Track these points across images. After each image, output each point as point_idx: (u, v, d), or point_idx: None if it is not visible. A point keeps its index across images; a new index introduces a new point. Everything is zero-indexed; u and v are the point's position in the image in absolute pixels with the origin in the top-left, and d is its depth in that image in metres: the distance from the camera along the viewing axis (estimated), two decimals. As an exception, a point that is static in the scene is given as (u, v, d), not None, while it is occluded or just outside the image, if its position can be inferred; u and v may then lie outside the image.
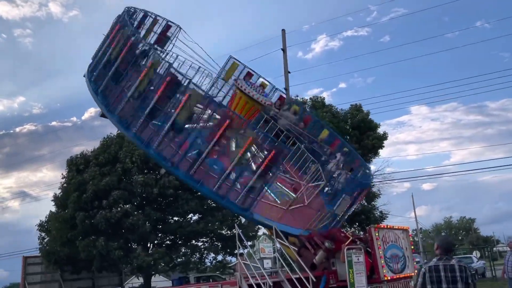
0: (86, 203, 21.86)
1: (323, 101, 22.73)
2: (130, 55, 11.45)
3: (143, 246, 23.24)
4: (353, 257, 10.26)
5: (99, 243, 21.10)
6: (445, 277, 5.52)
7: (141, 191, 22.10)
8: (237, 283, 10.29)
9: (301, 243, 12.06)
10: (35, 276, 24.04)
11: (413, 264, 13.05)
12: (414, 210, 53.85)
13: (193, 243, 24.59)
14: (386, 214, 22.09)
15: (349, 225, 20.75)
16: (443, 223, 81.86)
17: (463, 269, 5.57)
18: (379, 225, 13.54)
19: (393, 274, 11.48)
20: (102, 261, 21.82)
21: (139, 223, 21.40)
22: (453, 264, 5.61)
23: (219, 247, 24.71)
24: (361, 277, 10.14)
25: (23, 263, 23.81)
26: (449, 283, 5.50)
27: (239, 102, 13.77)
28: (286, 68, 26.20)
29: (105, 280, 26.14)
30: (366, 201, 22.27)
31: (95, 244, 21.25)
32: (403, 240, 12.60)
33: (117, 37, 12.04)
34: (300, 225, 12.04)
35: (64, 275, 23.64)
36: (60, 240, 22.10)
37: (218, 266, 26.45)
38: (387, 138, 22.15)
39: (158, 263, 22.00)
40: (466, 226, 76.49)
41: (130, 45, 11.47)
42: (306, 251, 11.71)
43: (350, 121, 21.75)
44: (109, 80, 11.84)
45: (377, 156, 22.50)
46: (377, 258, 11.09)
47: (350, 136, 21.38)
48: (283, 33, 26.64)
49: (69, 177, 23.45)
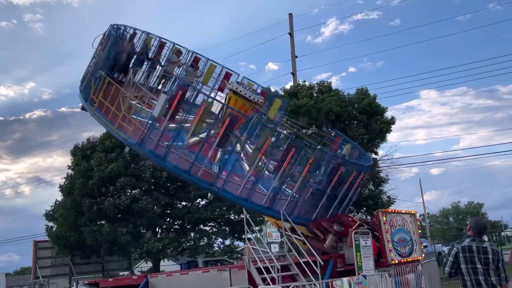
0: (92, 189, 22.02)
1: (330, 85, 22.54)
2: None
3: (152, 231, 23.46)
4: (361, 241, 10.29)
5: (105, 229, 21.32)
6: (478, 258, 5.54)
7: (150, 175, 22.22)
8: (246, 266, 10.38)
9: (309, 230, 12.13)
10: (46, 260, 24.43)
11: (421, 248, 13.10)
12: (422, 195, 53.73)
13: (201, 227, 24.79)
14: (393, 199, 21.98)
15: (356, 210, 20.76)
16: (450, 208, 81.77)
17: (496, 252, 5.63)
18: (387, 210, 13.54)
19: (400, 258, 11.53)
20: (111, 246, 22.09)
21: (148, 207, 21.58)
22: (486, 246, 5.64)
23: (227, 232, 24.90)
24: (369, 260, 10.18)
25: (34, 248, 24.18)
26: (482, 264, 5.53)
27: (235, 104, 13.60)
28: (293, 52, 26.06)
29: (114, 264, 26.52)
30: (373, 186, 22.22)
31: (101, 230, 21.48)
32: (410, 224, 12.62)
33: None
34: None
35: (74, 259, 23.98)
36: (68, 226, 22.33)
37: (226, 251, 26.69)
38: (395, 122, 21.97)
39: (167, 248, 22.22)
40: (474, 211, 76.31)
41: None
42: (314, 240, 11.75)
43: (357, 106, 21.58)
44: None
45: (385, 140, 22.36)
46: (384, 242, 11.13)
47: (358, 120, 21.25)
48: (290, 17, 26.46)
49: (74, 164, 23.55)
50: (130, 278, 15.17)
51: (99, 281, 14.97)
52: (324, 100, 20.96)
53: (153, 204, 22.11)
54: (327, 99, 20.91)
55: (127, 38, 13.72)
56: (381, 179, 22.18)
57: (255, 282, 10.08)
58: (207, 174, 11.23)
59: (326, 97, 21.12)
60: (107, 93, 12.15)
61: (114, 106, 11.68)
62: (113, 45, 12.66)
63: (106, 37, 12.85)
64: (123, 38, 13.06)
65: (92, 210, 21.67)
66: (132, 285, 12.95)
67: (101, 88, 12.13)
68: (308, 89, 22.25)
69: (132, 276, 18.24)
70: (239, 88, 13.42)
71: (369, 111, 21.33)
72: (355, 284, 9.04)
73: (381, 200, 21.36)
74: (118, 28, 13.63)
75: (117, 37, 12.70)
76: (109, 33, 12.73)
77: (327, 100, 20.86)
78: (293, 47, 26.07)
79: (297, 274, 10.53)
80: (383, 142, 22.46)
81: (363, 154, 15.27)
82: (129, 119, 11.35)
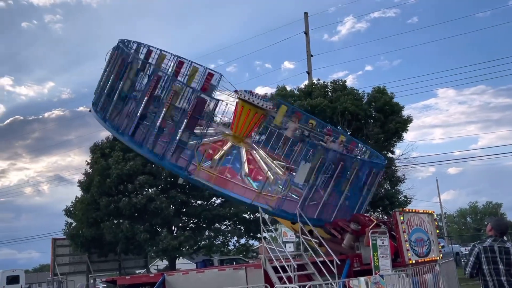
0: (110, 187, 22.27)
1: (344, 84, 22.42)
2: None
3: (167, 229, 23.62)
4: (378, 240, 10.23)
5: (124, 225, 21.58)
6: (500, 259, 5.46)
7: (167, 174, 22.38)
8: (262, 265, 10.39)
9: (327, 231, 12.11)
10: (64, 258, 24.73)
11: (438, 248, 12.97)
12: (439, 194, 53.02)
13: (217, 226, 24.87)
14: (410, 199, 21.80)
15: (372, 209, 20.64)
16: (468, 208, 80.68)
17: None
18: (404, 209, 13.44)
19: (417, 258, 11.43)
20: (127, 243, 22.30)
21: (162, 206, 21.74)
22: (508, 247, 5.55)
23: (242, 231, 24.93)
24: (386, 260, 10.12)
25: (52, 245, 24.50)
26: (504, 265, 5.44)
27: (242, 111, 14.10)
28: (309, 51, 25.99)
29: (131, 262, 26.75)
30: (390, 186, 22.05)
31: (120, 226, 21.73)
32: (428, 224, 12.51)
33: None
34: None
35: (91, 257, 24.24)
36: (86, 222, 22.62)
37: (241, 249, 26.73)
38: (412, 121, 21.78)
39: (183, 246, 22.35)
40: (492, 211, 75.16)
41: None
42: (331, 243, 11.72)
43: (373, 104, 21.42)
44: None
45: (402, 140, 22.18)
46: (401, 242, 11.04)
47: (374, 119, 21.10)
48: (305, 16, 26.40)
49: (92, 162, 23.86)
50: (147, 276, 15.32)
51: (117, 279, 15.16)
52: (339, 99, 20.85)
53: (168, 203, 22.27)
54: (342, 98, 20.79)
55: (140, 55, 13.85)
56: (397, 178, 22.01)
57: (271, 281, 10.09)
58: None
59: (340, 96, 21.01)
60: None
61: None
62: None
63: (119, 53, 12.92)
64: (137, 58, 12.94)
65: (109, 208, 21.93)
66: (149, 283, 13.07)
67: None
68: (322, 88, 22.17)
69: (149, 274, 18.39)
70: (247, 96, 13.73)
71: (386, 110, 21.18)
72: (372, 284, 8.99)
73: (398, 199, 21.20)
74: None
75: (134, 57, 12.66)
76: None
77: (342, 99, 20.74)
78: (308, 46, 26.01)
79: (314, 273, 10.51)
80: (399, 141, 22.31)
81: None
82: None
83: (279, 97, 20.72)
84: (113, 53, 13.35)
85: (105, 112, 12.92)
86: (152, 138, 11.24)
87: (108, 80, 13.15)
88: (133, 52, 13.43)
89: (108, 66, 13.50)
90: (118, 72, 12.51)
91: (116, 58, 13.01)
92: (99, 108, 13.49)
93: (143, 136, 11.56)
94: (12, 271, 38.28)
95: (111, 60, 13.36)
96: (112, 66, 13.10)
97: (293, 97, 21.99)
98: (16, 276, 37.77)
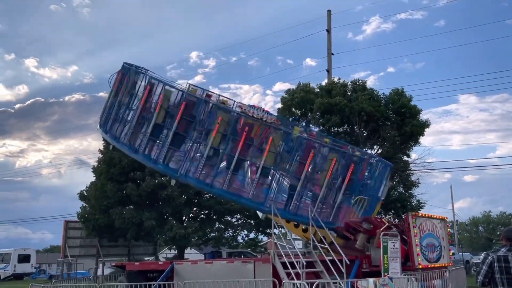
0: (120, 174, 22.49)
1: (364, 84, 22.20)
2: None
3: (177, 218, 23.76)
4: (389, 242, 10.17)
5: (129, 212, 21.80)
6: None
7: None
8: (271, 260, 10.40)
9: (339, 234, 12.08)
10: (75, 240, 25.07)
11: (449, 254, 12.84)
12: (452, 201, 52.44)
13: (227, 219, 24.95)
14: (423, 204, 21.56)
15: (384, 212, 20.47)
16: (481, 217, 79.63)
17: None
18: (417, 213, 13.33)
19: (427, 263, 11.34)
20: (137, 230, 22.49)
21: (174, 194, 21.85)
22: None
23: (252, 225, 24.98)
24: (396, 263, 10.06)
25: (65, 227, 24.86)
26: None
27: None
28: (330, 49, 25.83)
29: (140, 249, 27.00)
30: (403, 189, 21.85)
31: (125, 213, 21.97)
32: (440, 230, 12.39)
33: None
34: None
35: (102, 241, 24.51)
36: (99, 208, 22.88)
37: (250, 244, 26.79)
38: (429, 125, 21.50)
39: (191, 236, 22.47)
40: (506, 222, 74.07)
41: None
42: (345, 249, 11.69)
43: (391, 106, 21.19)
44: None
45: (418, 143, 21.91)
46: (412, 246, 10.97)
47: (391, 122, 20.89)
48: (328, 14, 26.22)
49: (105, 149, 24.04)
50: (156, 263, 15.44)
51: (126, 264, 15.31)
52: (358, 98, 20.67)
53: (181, 192, 22.35)
54: (360, 98, 20.62)
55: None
56: (411, 182, 21.79)
57: (279, 276, 10.11)
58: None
59: (359, 96, 20.83)
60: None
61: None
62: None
63: (127, 78, 13.05)
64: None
65: (116, 195, 22.19)
66: (157, 270, 13.18)
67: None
68: (342, 87, 22.00)
69: (157, 262, 18.53)
70: (252, 111, 13.66)
71: (403, 113, 20.93)
72: (380, 286, 8.94)
73: (410, 203, 20.99)
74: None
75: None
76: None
77: (360, 99, 20.57)
78: (329, 44, 25.83)
79: (322, 271, 10.50)
80: (416, 145, 22.05)
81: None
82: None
83: (303, 93, 21.32)
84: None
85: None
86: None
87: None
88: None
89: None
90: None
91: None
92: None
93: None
94: (23, 250, 38.97)
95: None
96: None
97: (314, 94, 21.90)
98: (27, 255, 38.44)
